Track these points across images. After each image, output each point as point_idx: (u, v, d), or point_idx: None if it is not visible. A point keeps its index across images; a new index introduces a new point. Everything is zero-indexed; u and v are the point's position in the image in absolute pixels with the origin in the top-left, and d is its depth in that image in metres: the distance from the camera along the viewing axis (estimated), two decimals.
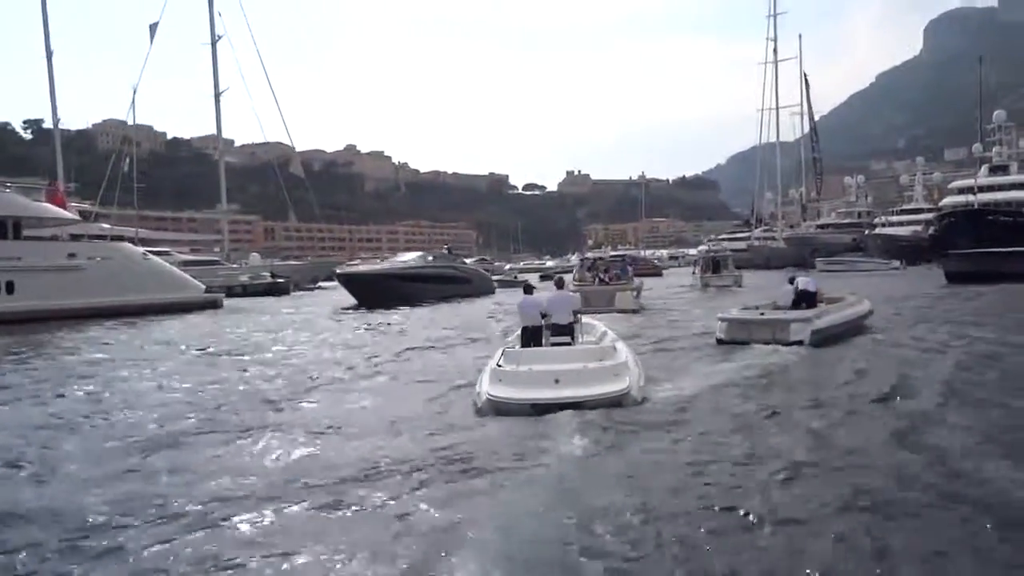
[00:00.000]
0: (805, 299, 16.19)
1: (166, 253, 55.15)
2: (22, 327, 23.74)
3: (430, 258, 41.11)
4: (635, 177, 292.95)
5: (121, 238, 46.48)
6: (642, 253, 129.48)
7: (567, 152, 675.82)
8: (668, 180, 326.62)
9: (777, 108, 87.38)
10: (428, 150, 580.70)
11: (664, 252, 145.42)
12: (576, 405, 8.60)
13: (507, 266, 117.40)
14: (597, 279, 27.96)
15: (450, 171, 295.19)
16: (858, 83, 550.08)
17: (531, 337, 11.28)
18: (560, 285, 12.32)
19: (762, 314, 15.47)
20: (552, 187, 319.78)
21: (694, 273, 44.94)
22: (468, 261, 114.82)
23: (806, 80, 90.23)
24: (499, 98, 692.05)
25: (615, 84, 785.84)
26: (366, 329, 23.06)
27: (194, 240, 70.93)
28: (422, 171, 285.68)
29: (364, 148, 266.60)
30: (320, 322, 26.49)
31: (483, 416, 8.88)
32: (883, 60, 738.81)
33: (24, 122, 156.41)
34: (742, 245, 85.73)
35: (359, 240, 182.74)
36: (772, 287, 21.10)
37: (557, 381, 9.11)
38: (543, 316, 11.35)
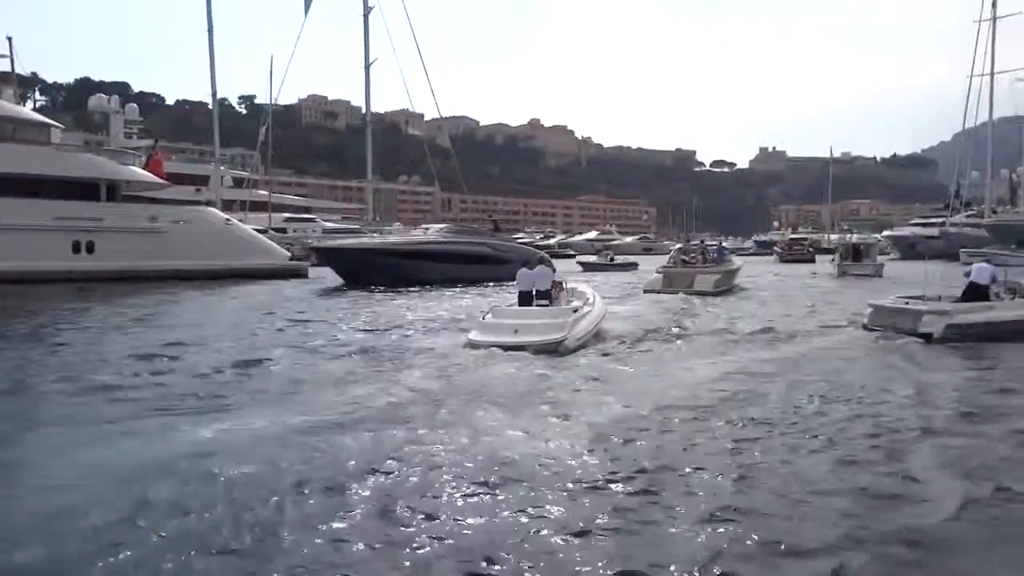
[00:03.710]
0: (974, 291, 14.77)
1: (310, 220, 58.21)
2: (102, 285, 25.21)
3: (450, 232, 36.24)
4: (839, 154, 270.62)
5: (264, 204, 49.46)
6: (828, 237, 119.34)
7: (762, 128, 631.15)
8: (876, 158, 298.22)
9: (992, 73, 74.80)
10: (613, 124, 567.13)
11: (853, 236, 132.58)
12: (522, 347, 12.10)
13: (675, 245, 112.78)
14: (682, 262, 28.92)
15: (635, 146, 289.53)
16: None
17: (524, 298, 14.84)
18: (541, 261, 17.72)
19: (907, 303, 14.88)
20: (743, 164, 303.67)
21: (833, 260, 40.80)
22: (629, 239, 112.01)
23: None
24: (690, 71, 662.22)
25: (820, 53, 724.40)
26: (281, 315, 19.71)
27: (347, 208, 74.28)
28: (606, 146, 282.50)
29: (547, 122, 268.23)
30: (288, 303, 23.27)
31: (466, 349, 12.58)
32: None
33: (239, 97, 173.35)
34: (934, 232, 75.47)
35: (533, 214, 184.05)
36: (923, 279, 18.00)
37: (516, 331, 12.85)
38: (533, 284, 14.87)
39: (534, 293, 14.62)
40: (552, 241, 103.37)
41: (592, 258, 54.24)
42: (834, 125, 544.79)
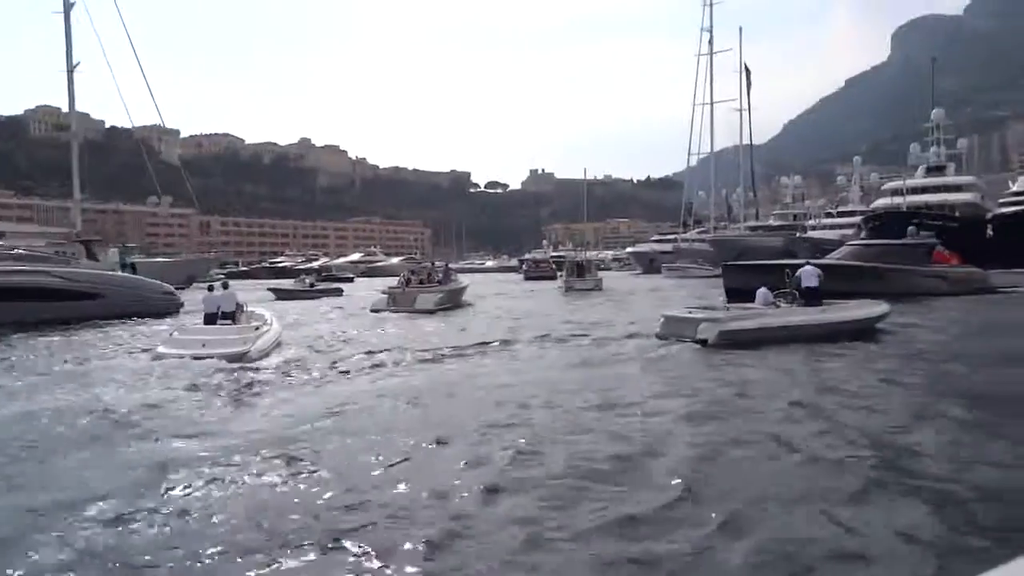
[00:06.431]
0: (811, 294, 16.59)
1: None
2: None
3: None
4: (601, 177, 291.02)
5: None
6: (585, 254, 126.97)
7: (533, 151, 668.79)
8: (633, 180, 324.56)
9: (712, 103, 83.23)
10: (389, 146, 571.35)
11: (609, 253, 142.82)
12: (210, 357, 13.63)
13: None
14: (407, 283, 30.02)
15: (411, 167, 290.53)
16: (829, 87, 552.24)
17: (209, 319, 16.31)
18: (225, 287, 17.27)
19: (690, 312, 16.06)
20: (516, 185, 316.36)
21: (561, 275, 42.65)
22: (395, 260, 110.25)
23: (747, 73, 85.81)
24: (465, 95, 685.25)
25: (586, 83, 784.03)
26: None
27: (53, 232, 64.86)
28: (381, 167, 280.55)
29: (319, 142, 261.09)
30: None
31: (154, 361, 13.90)
32: (853, 65, 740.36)
33: None
34: (669, 247, 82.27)
35: (304, 236, 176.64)
36: (635, 290, 18.16)
37: (203, 344, 14.45)
38: (218, 305, 16.38)
39: (219, 314, 16.23)
40: (315, 264, 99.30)
41: (287, 284, 45.46)
42: (598, 149, 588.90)
